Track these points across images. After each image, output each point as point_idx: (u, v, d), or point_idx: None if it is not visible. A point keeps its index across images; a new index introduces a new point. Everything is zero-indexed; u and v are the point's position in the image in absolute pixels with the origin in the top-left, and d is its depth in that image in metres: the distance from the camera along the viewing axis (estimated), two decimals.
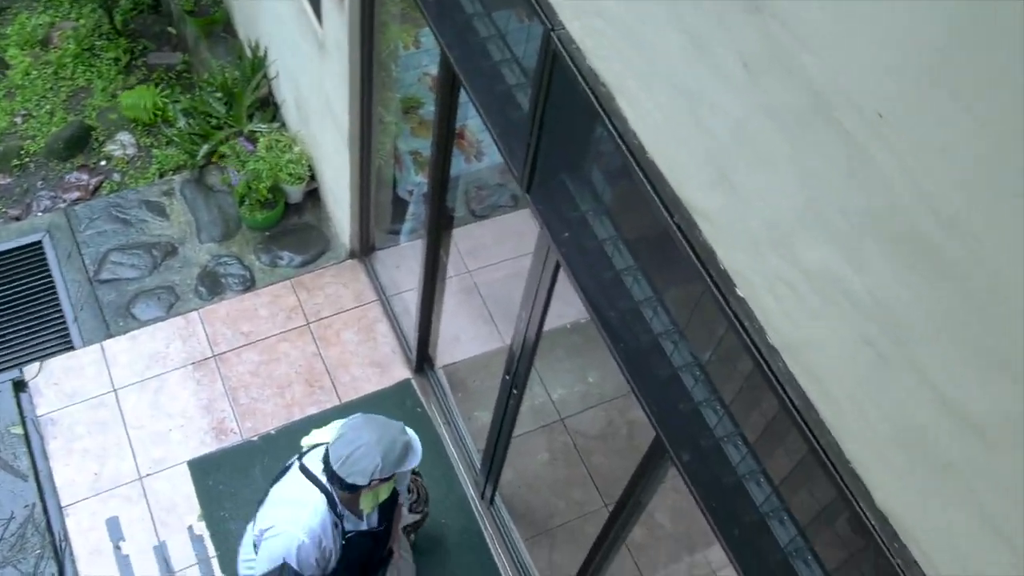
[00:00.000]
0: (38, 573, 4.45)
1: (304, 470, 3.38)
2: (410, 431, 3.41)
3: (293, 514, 3.31)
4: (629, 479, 3.21)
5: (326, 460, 3.23)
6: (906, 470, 1.91)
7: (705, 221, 2.32)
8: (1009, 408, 1.61)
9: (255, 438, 4.85)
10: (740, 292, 2.25)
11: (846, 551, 2.38)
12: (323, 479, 3.30)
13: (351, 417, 3.32)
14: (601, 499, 4.81)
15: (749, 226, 2.14)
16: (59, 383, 4.91)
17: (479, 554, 4.64)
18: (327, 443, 3.33)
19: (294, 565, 3.28)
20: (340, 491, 3.27)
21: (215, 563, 4.52)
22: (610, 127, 2.46)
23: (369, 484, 3.20)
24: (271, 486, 3.54)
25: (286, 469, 3.50)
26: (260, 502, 3.57)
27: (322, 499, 3.31)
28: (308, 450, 3.47)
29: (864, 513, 2.05)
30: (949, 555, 1.87)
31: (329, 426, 3.57)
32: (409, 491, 4.03)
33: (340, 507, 3.35)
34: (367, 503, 3.32)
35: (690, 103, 2.19)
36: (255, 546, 3.45)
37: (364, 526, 3.46)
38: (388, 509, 3.56)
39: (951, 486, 1.81)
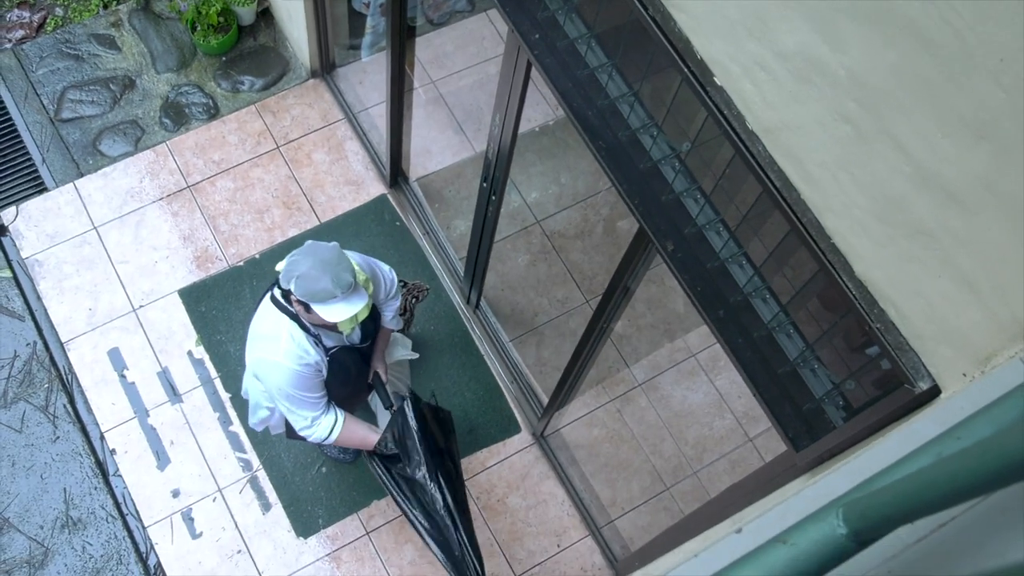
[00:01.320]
0: (50, 405, 4.62)
1: (274, 300, 3.36)
2: (383, 269, 3.47)
3: (269, 347, 3.32)
4: (614, 272, 3.34)
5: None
6: (885, 239, 2.03)
7: (680, 12, 2.34)
8: (981, 171, 1.72)
9: (241, 263, 4.94)
10: (718, 81, 2.30)
11: (826, 322, 2.54)
12: (286, 304, 3.31)
13: (307, 245, 3.22)
14: (582, 295, 4.99)
15: (726, 13, 2.16)
16: (39, 225, 4.92)
17: (469, 357, 4.85)
18: None
19: (294, 391, 3.34)
20: (291, 306, 3.26)
21: (218, 383, 4.70)
22: None
23: (310, 314, 3.16)
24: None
25: (260, 300, 3.49)
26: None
27: (290, 324, 3.31)
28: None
29: (845, 283, 2.20)
30: (925, 315, 2.02)
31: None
32: (403, 313, 4.13)
33: (313, 328, 3.33)
34: (345, 325, 3.23)
35: None
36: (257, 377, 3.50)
37: (347, 343, 3.51)
38: (370, 328, 3.62)
39: (927, 251, 1.94)
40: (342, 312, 3.14)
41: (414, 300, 4.36)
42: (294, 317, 3.32)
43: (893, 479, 1.16)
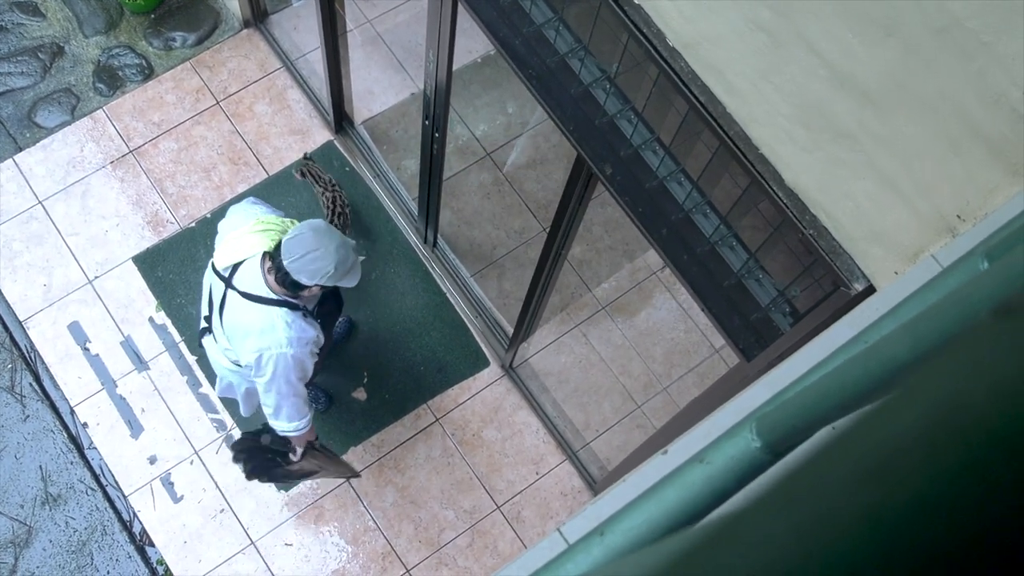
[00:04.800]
0: (15, 385, 4.60)
1: (247, 296, 3.29)
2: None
3: (268, 339, 3.27)
4: (559, 200, 3.33)
5: (277, 260, 3.17)
6: (810, 145, 2.03)
7: None
8: (892, 69, 1.71)
9: (193, 224, 4.89)
10: None
11: (765, 231, 2.55)
12: (271, 294, 3.25)
13: (306, 222, 3.22)
14: (539, 224, 4.98)
15: None
16: None
17: (431, 296, 4.85)
18: (258, 252, 3.28)
19: (294, 380, 3.34)
20: (287, 290, 3.23)
21: (183, 347, 4.69)
22: None
23: (310, 288, 3.19)
24: (211, 312, 3.51)
25: (222, 298, 3.39)
26: (207, 329, 3.62)
27: (282, 311, 3.27)
28: (231, 271, 3.34)
29: (775, 193, 2.20)
30: (854, 217, 2.03)
31: (231, 226, 3.45)
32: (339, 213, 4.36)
33: (300, 302, 3.33)
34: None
35: None
36: (250, 367, 3.40)
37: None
38: None
39: (851, 154, 1.94)
40: (355, 272, 3.27)
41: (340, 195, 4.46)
42: (282, 303, 3.28)
43: (801, 388, 1.18)
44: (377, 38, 5.24)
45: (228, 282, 3.35)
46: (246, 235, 3.36)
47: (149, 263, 4.80)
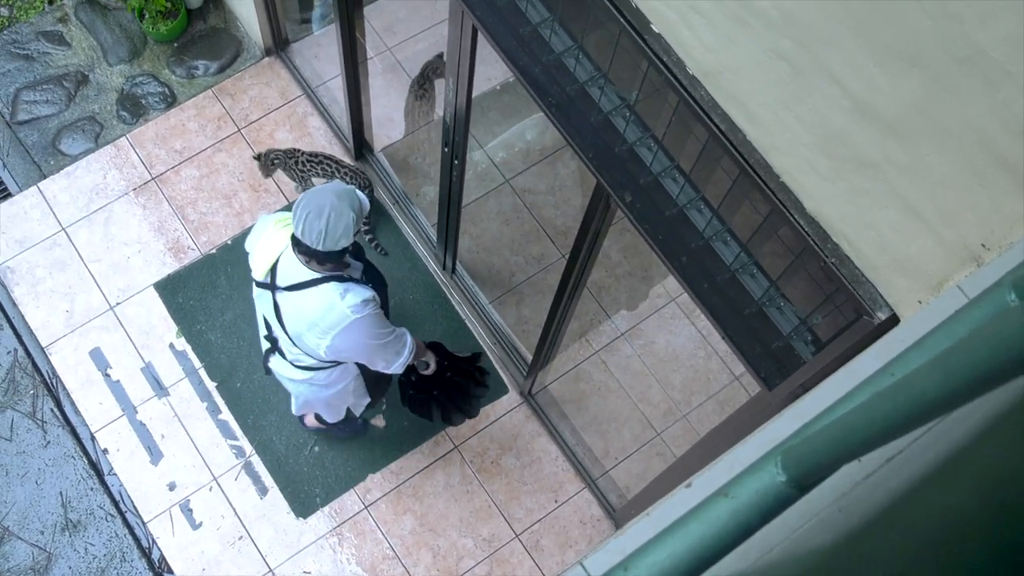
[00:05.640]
0: (37, 410, 4.62)
1: (294, 288, 3.27)
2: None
3: (332, 317, 3.25)
4: (579, 228, 3.33)
5: (302, 245, 3.15)
6: (832, 175, 2.02)
7: None
8: (914, 99, 1.71)
9: (213, 251, 4.92)
10: (655, 28, 2.28)
11: (787, 260, 2.54)
12: (314, 274, 3.23)
13: (299, 199, 3.18)
14: (558, 250, 4.98)
15: None
16: (6, 232, 4.88)
17: (450, 322, 4.85)
18: (285, 245, 3.30)
19: (379, 335, 3.34)
20: (332, 263, 3.21)
21: (203, 373, 4.70)
22: None
23: (352, 248, 3.17)
24: (270, 331, 3.53)
25: (275, 307, 3.38)
26: (273, 349, 3.62)
27: (330, 285, 3.24)
28: (271, 276, 3.34)
29: (797, 221, 2.19)
30: (877, 246, 2.02)
31: (255, 238, 3.45)
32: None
33: (344, 272, 3.29)
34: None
35: None
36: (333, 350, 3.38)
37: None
38: None
39: (873, 183, 1.93)
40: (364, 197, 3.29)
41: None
42: (327, 279, 3.25)
43: (828, 421, 1.17)
44: (397, 66, 5.28)
45: (272, 287, 3.35)
46: (270, 237, 3.37)
47: (170, 289, 4.83)
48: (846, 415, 1.05)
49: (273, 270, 3.34)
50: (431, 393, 3.97)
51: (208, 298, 4.82)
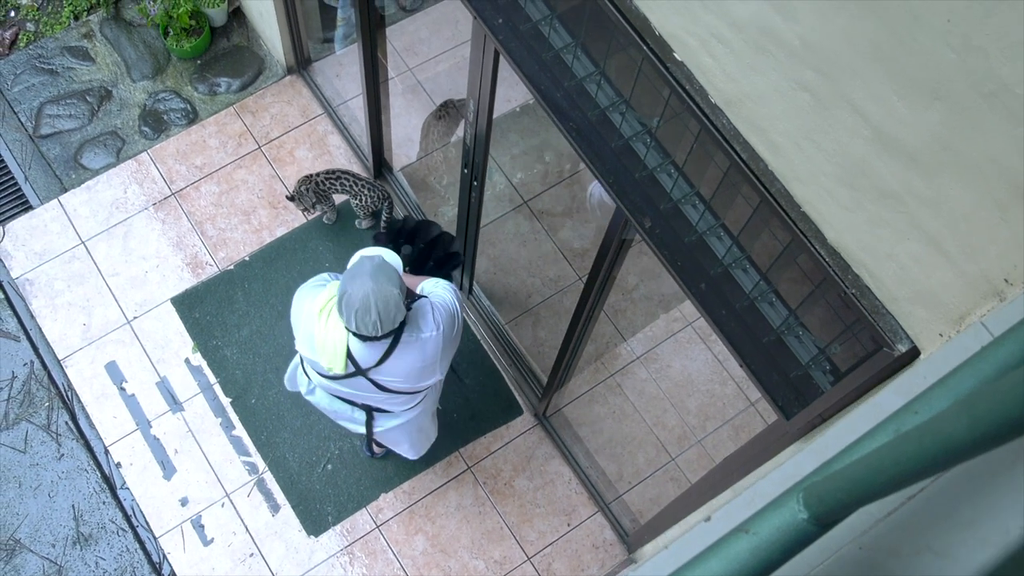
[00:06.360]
0: (52, 423, 4.64)
1: (384, 358, 3.21)
2: (370, 251, 3.27)
3: (431, 348, 3.24)
4: (597, 251, 3.33)
5: (362, 335, 3.07)
6: (853, 205, 2.02)
7: None
8: (937, 131, 1.70)
9: (231, 267, 4.93)
10: (678, 56, 2.28)
11: (806, 288, 2.53)
12: (389, 328, 3.09)
13: (338, 291, 3.06)
14: (575, 272, 4.98)
15: None
16: (26, 244, 4.92)
17: (466, 343, 4.85)
18: (343, 334, 3.17)
19: (455, 308, 3.37)
20: (389, 329, 3.10)
21: (217, 389, 4.71)
22: None
23: (407, 305, 3.12)
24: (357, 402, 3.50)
25: (377, 386, 3.32)
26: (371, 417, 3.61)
27: (410, 335, 3.20)
28: (352, 365, 3.23)
29: (817, 251, 2.19)
30: (898, 277, 2.01)
31: (304, 315, 3.27)
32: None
33: (408, 301, 3.21)
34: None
35: None
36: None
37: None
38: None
39: (895, 214, 1.93)
40: (395, 258, 3.26)
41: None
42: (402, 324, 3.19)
43: (851, 459, 1.15)
44: (418, 86, 5.31)
45: (361, 372, 3.25)
46: (324, 332, 3.18)
47: (187, 304, 4.85)
48: (870, 454, 1.04)
49: (350, 357, 3.20)
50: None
51: (225, 314, 4.83)
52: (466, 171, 4.02)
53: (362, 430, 3.73)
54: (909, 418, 1.18)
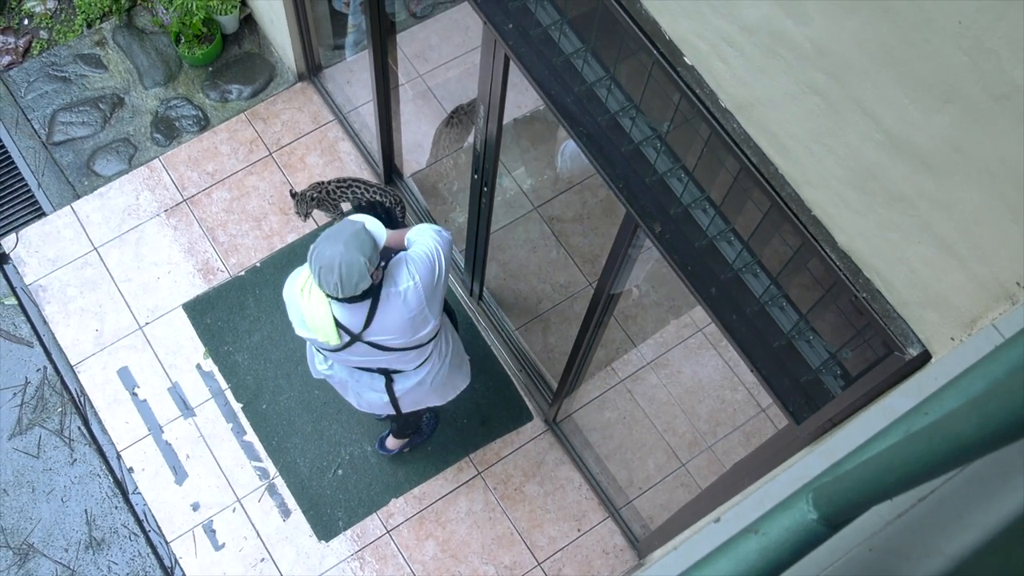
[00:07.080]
0: (64, 428, 4.66)
1: (369, 319, 3.27)
2: (356, 217, 3.32)
3: (413, 299, 3.29)
4: (607, 257, 3.33)
5: (330, 296, 3.16)
6: (864, 209, 2.01)
7: None
8: (949, 134, 1.70)
9: (242, 273, 4.95)
10: (688, 60, 2.28)
11: (816, 292, 2.52)
12: (367, 285, 3.16)
13: (310, 249, 3.16)
14: (585, 278, 4.98)
15: None
16: (39, 250, 4.95)
17: (476, 348, 4.85)
18: (326, 304, 3.24)
19: (438, 253, 3.38)
20: (364, 291, 3.18)
21: (229, 394, 4.72)
22: None
23: (372, 277, 3.15)
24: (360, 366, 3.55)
25: (376, 346, 3.38)
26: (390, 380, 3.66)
27: (388, 288, 3.26)
28: (345, 334, 3.32)
29: (828, 255, 2.18)
30: (909, 281, 2.01)
31: (297, 307, 3.37)
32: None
33: (383, 263, 3.28)
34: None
35: None
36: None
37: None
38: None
39: (906, 217, 1.92)
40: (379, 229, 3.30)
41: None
42: (376, 287, 3.25)
43: (860, 460, 1.15)
44: (428, 92, 5.32)
45: (356, 337, 3.32)
46: (310, 309, 3.26)
47: (199, 310, 4.86)
48: (880, 454, 1.04)
49: (339, 326, 3.28)
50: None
51: (236, 320, 4.85)
52: (476, 177, 4.03)
53: (385, 409, 3.82)
54: (919, 419, 1.18)
